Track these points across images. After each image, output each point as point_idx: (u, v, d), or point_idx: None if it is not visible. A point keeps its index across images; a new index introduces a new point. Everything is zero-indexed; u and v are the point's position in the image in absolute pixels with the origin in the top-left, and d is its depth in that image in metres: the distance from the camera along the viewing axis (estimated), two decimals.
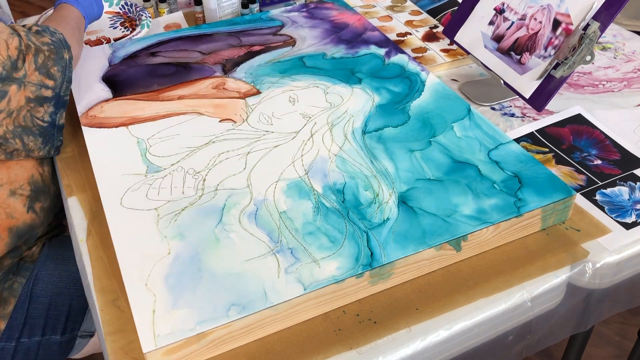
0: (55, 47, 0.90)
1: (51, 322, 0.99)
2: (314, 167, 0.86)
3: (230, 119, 0.96)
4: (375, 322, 0.71)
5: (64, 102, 0.92)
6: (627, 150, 0.96)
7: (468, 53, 1.10)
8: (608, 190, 0.89)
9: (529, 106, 1.04)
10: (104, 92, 1.03)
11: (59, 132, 0.93)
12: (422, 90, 1.02)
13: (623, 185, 0.90)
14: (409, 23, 1.29)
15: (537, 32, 0.98)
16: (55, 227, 1.07)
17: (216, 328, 0.66)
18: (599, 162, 0.94)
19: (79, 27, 1.04)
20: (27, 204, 0.96)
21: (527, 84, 0.98)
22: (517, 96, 1.02)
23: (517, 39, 1.01)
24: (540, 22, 0.98)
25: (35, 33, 0.89)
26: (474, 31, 1.08)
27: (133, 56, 1.13)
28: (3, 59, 0.82)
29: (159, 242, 0.76)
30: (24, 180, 0.95)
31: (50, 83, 0.89)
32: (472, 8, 1.09)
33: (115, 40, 1.26)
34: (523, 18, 1.00)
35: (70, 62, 0.92)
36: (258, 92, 1.03)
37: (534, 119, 1.02)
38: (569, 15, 0.94)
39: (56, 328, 1.00)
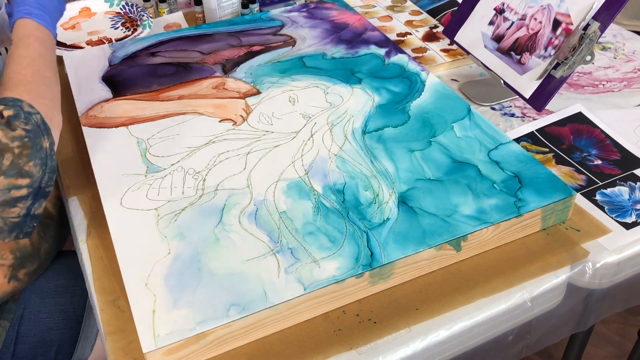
0: (31, 139, 0.71)
1: None
2: (314, 167, 0.87)
3: (230, 119, 0.96)
4: (375, 322, 0.71)
5: (46, 193, 0.74)
6: (627, 150, 0.96)
7: (468, 53, 1.10)
8: (608, 190, 0.89)
9: (529, 106, 1.04)
10: (104, 92, 1.03)
11: (33, 219, 0.75)
12: (422, 90, 1.02)
13: (623, 185, 0.90)
14: (409, 23, 1.29)
15: (537, 32, 0.98)
16: None
17: (216, 328, 0.66)
18: (599, 162, 0.94)
19: (52, 52, 0.85)
20: (9, 273, 0.86)
21: (527, 84, 0.98)
22: (517, 96, 1.02)
23: (517, 39, 1.01)
24: (540, 22, 0.98)
25: (6, 125, 0.70)
26: (474, 31, 1.08)
27: (133, 56, 1.13)
28: None
29: (159, 242, 0.76)
30: (5, 250, 0.85)
31: (24, 181, 0.71)
32: (472, 8, 1.09)
33: (117, 40, 1.26)
34: (523, 18, 1.00)
35: (52, 148, 0.74)
36: (258, 92, 1.03)
37: (534, 119, 1.02)
38: (569, 15, 0.94)
39: None
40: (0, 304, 0.92)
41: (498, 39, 1.04)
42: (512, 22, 1.02)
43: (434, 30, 1.26)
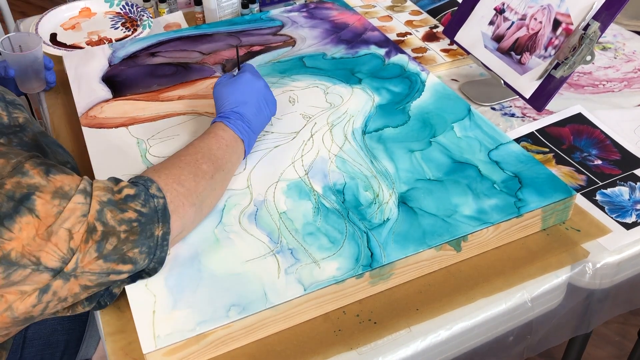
0: (141, 224, 0.65)
1: None
2: (314, 167, 0.86)
3: None
4: (375, 323, 0.71)
5: (141, 277, 0.71)
6: (627, 150, 0.96)
7: (468, 53, 1.10)
8: (608, 191, 0.89)
9: (529, 106, 1.04)
10: (104, 92, 1.03)
11: (111, 296, 0.71)
12: (422, 91, 1.02)
13: (623, 185, 0.90)
14: (409, 23, 1.29)
15: (537, 32, 0.98)
16: None
17: (216, 329, 0.66)
18: (599, 162, 0.94)
19: (228, 156, 0.80)
20: None
21: (527, 84, 0.98)
22: (517, 96, 1.02)
23: (517, 39, 1.01)
24: (541, 22, 0.98)
25: (120, 203, 0.65)
26: (474, 31, 1.08)
27: (133, 56, 1.13)
28: (63, 254, 0.61)
29: None
30: None
31: (125, 267, 0.66)
32: (472, 8, 1.09)
33: (117, 40, 1.26)
34: (523, 18, 1.00)
35: (165, 237, 0.68)
36: None
37: (534, 119, 1.02)
38: (569, 15, 0.94)
39: None
40: None
41: (498, 39, 1.04)
42: (512, 22, 1.02)
43: (434, 30, 1.26)
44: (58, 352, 0.95)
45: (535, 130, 1.00)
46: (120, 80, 1.06)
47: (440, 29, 1.26)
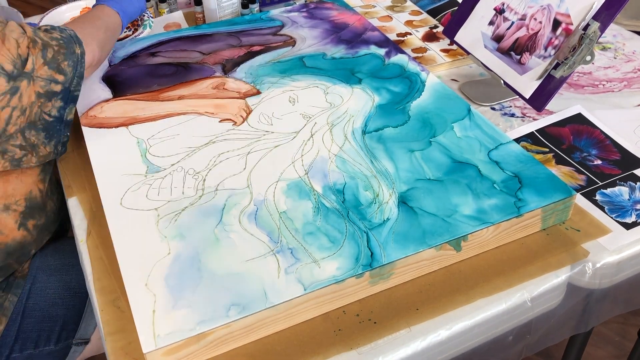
0: (65, 42, 0.87)
1: (45, 334, 0.96)
2: (314, 167, 0.86)
3: (230, 119, 0.96)
4: (375, 322, 0.71)
5: (74, 97, 0.89)
6: (627, 150, 0.96)
7: (468, 53, 1.10)
8: (608, 190, 0.89)
9: (529, 106, 1.04)
10: (104, 92, 1.03)
11: (66, 127, 0.89)
12: (422, 90, 1.02)
13: (623, 185, 0.90)
14: (409, 23, 1.29)
15: (537, 32, 0.98)
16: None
17: (216, 328, 0.66)
18: (599, 162, 0.94)
19: (107, 26, 1.00)
20: (20, 220, 0.92)
21: (527, 84, 0.98)
22: (517, 96, 1.02)
23: (517, 39, 1.01)
24: (540, 22, 0.98)
25: (44, 31, 0.87)
26: (474, 31, 1.08)
27: (133, 56, 1.13)
28: (13, 57, 0.80)
29: (159, 242, 0.76)
30: (20, 196, 0.92)
31: (60, 78, 0.85)
32: (472, 8, 1.09)
33: (117, 40, 1.26)
34: (523, 18, 1.00)
35: (82, 57, 0.88)
36: (258, 92, 1.03)
37: (534, 119, 1.03)
38: (569, 15, 0.94)
39: (50, 339, 0.96)
40: (8, 277, 0.94)
41: (498, 39, 1.04)
42: (512, 22, 1.02)
43: (434, 30, 1.26)
44: (57, 326, 0.96)
45: (535, 130, 1.00)
46: (120, 80, 1.06)
47: (440, 29, 1.26)
